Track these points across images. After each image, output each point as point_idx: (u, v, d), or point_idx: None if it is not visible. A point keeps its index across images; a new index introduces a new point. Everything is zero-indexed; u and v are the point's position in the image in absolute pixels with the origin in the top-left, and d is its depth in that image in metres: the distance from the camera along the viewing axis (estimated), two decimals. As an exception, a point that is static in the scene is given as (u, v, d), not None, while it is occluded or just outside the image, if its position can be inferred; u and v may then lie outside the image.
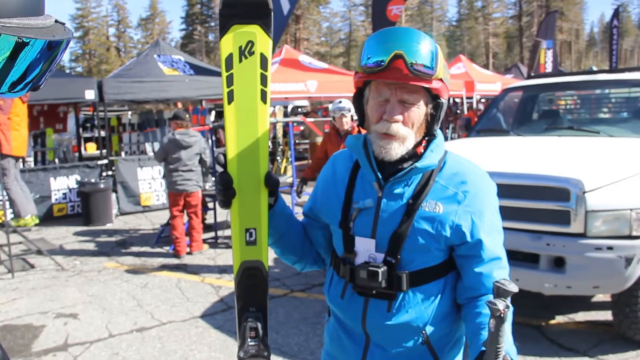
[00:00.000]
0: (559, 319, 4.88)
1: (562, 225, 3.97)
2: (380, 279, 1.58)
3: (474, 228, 1.60)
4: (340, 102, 6.41)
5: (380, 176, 1.64)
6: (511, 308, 1.34)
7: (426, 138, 1.66)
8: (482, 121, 6.39)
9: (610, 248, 3.82)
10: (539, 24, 24.51)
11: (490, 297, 1.59)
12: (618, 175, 4.03)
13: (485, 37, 71.75)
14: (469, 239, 1.60)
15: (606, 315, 4.69)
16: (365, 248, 1.65)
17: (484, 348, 1.39)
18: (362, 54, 1.59)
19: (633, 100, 6.15)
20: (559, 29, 55.63)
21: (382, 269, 1.58)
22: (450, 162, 1.68)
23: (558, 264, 3.99)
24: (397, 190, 1.63)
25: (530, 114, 6.54)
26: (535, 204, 4.10)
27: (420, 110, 1.59)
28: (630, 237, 3.86)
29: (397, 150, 1.59)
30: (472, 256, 1.62)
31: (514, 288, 1.32)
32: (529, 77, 7.87)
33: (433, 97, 1.61)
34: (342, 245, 1.71)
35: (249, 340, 1.66)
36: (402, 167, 1.62)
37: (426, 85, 1.55)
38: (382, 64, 1.53)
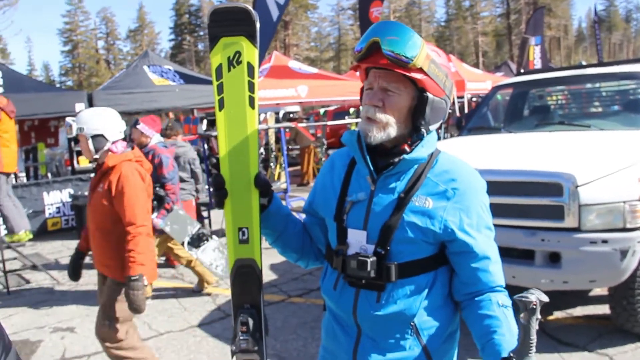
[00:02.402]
0: (557, 314, 4.89)
1: (556, 221, 3.96)
2: (369, 268, 1.63)
3: (462, 224, 1.64)
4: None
5: (372, 169, 1.69)
6: (544, 300, 1.36)
7: (414, 134, 1.70)
8: (473, 119, 6.39)
9: (605, 241, 3.82)
10: (527, 21, 24.66)
11: (492, 295, 1.63)
12: (610, 169, 4.03)
13: (474, 36, 72.00)
14: (458, 235, 1.64)
15: (604, 309, 4.69)
16: (357, 240, 1.70)
17: (509, 354, 1.42)
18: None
19: (623, 93, 6.16)
20: (547, 25, 56.02)
21: (371, 259, 1.63)
22: (442, 160, 1.73)
23: (553, 259, 3.98)
24: (390, 185, 1.69)
25: (521, 110, 6.54)
26: (529, 200, 4.10)
27: (400, 99, 1.66)
28: (624, 229, 3.86)
29: (376, 134, 1.66)
30: (464, 252, 1.66)
31: (534, 298, 1.34)
32: (519, 73, 7.87)
33: (420, 91, 1.67)
34: (335, 237, 1.75)
35: (240, 334, 1.72)
36: (394, 161, 1.67)
37: (405, 73, 1.61)
38: (362, 49, 1.64)
